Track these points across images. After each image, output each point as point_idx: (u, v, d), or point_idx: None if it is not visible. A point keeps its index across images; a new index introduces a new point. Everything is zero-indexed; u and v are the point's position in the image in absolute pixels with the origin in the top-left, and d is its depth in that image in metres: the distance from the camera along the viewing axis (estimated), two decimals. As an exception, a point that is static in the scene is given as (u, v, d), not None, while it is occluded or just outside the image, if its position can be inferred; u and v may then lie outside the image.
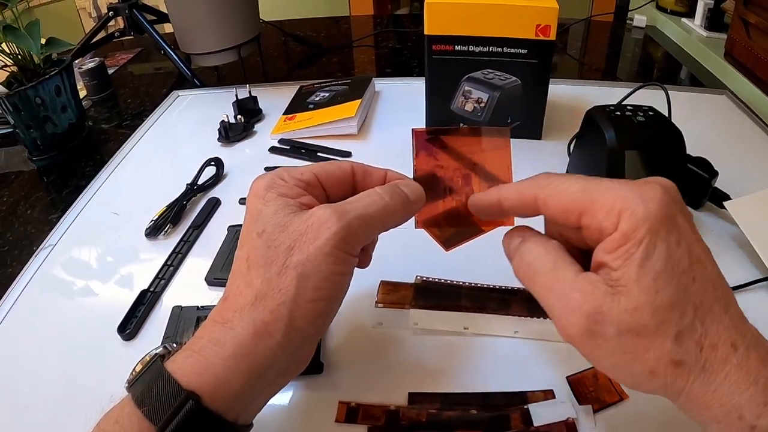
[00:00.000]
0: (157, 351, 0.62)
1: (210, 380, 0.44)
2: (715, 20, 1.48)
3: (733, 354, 0.39)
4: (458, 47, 0.95)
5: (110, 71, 1.53)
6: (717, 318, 0.40)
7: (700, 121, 1.08)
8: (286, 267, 0.46)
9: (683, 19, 1.59)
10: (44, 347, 0.70)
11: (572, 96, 1.17)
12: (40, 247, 0.87)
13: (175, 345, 0.66)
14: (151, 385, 0.44)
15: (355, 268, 0.51)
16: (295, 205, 0.49)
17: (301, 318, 0.46)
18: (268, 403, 0.58)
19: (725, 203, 0.78)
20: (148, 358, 0.63)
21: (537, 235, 0.50)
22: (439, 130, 0.62)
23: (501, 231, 0.80)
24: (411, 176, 0.59)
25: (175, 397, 0.43)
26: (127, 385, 0.46)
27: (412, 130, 0.61)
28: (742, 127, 1.08)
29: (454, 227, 0.81)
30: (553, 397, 0.60)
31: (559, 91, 1.15)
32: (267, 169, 1.00)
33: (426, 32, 0.94)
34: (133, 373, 0.62)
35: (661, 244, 0.39)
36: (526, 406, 0.59)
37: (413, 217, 0.59)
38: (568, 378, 0.62)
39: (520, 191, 0.49)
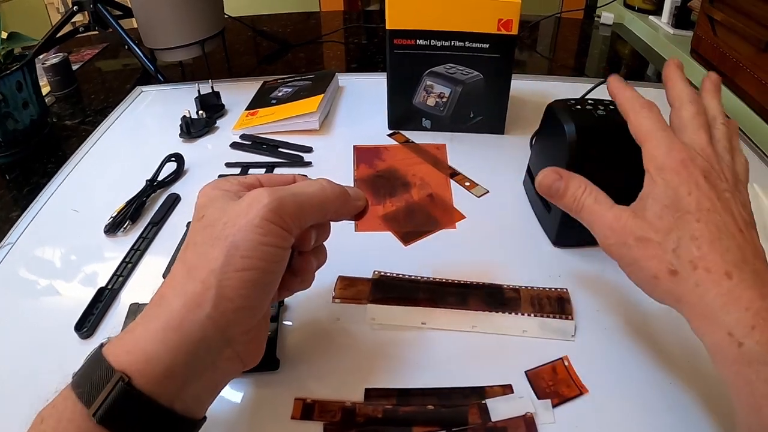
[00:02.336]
0: (103, 341, 0.62)
1: (140, 356, 0.44)
2: (681, 18, 1.50)
3: (726, 280, 0.47)
4: (420, 41, 0.94)
5: (75, 67, 1.51)
6: (717, 250, 0.48)
7: (667, 117, 1.08)
8: (218, 238, 0.48)
9: (650, 17, 1.60)
10: (4, 346, 0.69)
11: (538, 92, 1.17)
12: (-1, 246, 0.85)
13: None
14: (86, 369, 0.45)
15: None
16: (235, 196, 0.52)
17: (230, 287, 0.47)
18: (222, 400, 0.57)
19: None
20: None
21: (574, 176, 0.60)
22: (378, 146, 0.65)
23: (459, 226, 0.81)
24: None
25: (107, 378, 0.43)
26: (72, 375, 0.46)
27: (354, 146, 0.62)
28: (706, 122, 1.08)
29: (413, 222, 0.81)
30: (512, 391, 0.60)
31: (526, 86, 1.15)
32: (227, 165, 0.99)
33: (387, 26, 0.94)
34: None
35: (663, 187, 0.52)
36: (483, 401, 0.59)
37: (354, 223, 0.60)
38: (526, 372, 0.61)
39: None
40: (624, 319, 0.67)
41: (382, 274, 0.73)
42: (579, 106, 0.75)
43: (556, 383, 0.60)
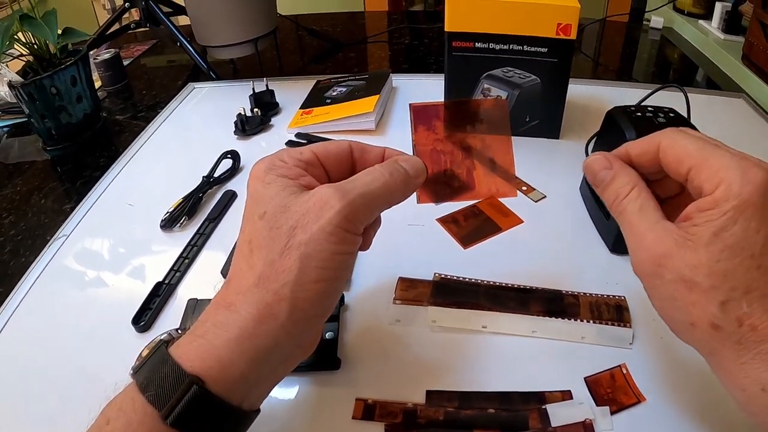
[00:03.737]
0: (162, 337, 0.62)
1: (213, 364, 0.44)
2: (732, 23, 1.47)
3: None
4: (478, 44, 0.94)
5: (125, 63, 1.53)
6: (765, 307, 0.42)
7: (718, 124, 1.07)
8: (289, 248, 0.46)
9: (700, 21, 1.58)
10: (57, 338, 0.70)
11: (588, 96, 1.16)
12: (54, 238, 0.87)
13: (179, 331, 0.67)
14: (155, 371, 0.44)
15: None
16: (295, 186, 0.49)
17: (304, 299, 0.46)
18: (284, 399, 0.57)
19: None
20: (152, 344, 0.63)
21: (625, 170, 0.51)
22: (437, 103, 0.62)
23: (517, 230, 0.81)
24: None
25: (179, 382, 0.43)
26: (132, 371, 0.46)
27: (410, 105, 0.60)
28: (760, 130, 1.07)
29: (473, 225, 0.80)
30: (571, 397, 0.60)
31: (575, 90, 1.14)
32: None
33: (446, 29, 0.94)
34: (139, 359, 0.63)
35: (741, 224, 0.42)
36: (543, 407, 0.58)
37: (415, 194, 0.58)
38: (585, 379, 0.61)
39: (645, 140, 0.51)
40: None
41: (443, 276, 0.73)
42: (639, 114, 0.74)
43: (614, 390, 0.60)
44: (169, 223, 0.86)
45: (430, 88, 1.18)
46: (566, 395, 0.60)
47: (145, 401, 0.43)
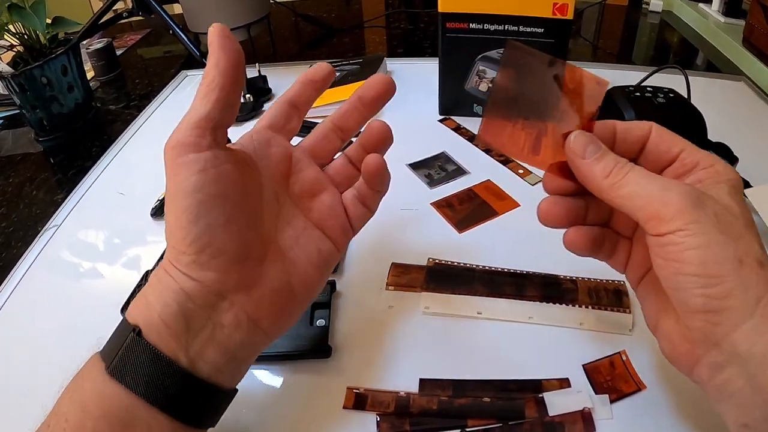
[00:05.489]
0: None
1: (143, 309, 0.45)
2: (732, 6, 1.46)
3: None
4: (473, 25, 0.92)
5: (118, 52, 1.52)
6: None
7: (718, 107, 1.06)
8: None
9: (700, 5, 1.56)
10: (48, 327, 0.70)
11: (587, 79, 1.15)
12: (45, 228, 0.86)
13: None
14: (113, 332, 0.46)
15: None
16: None
17: (175, 226, 0.46)
18: (273, 387, 0.56)
19: (746, 191, 0.76)
20: None
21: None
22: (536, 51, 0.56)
23: (513, 214, 0.79)
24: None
25: (123, 334, 0.44)
26: None
27: (508, 41, 0.54)
28: (761, 113, 1.05)
29: (468, 209, 0.79)
30: (569, 385, 0.58)
31: (575, 73, 1.13)
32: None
33: (440, 9, 0.92)
34: None
35: (740, 194, 0.43)
36: (540, 395, 0.57)
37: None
38: (584, 366, 0.60)
39: (632, 122, 0.51)
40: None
41: (437, 261, 0.72)
42: (638, 93, 0.73)
43: (613, 378, 0.58)
44: (160, 210, 0.84)
45: (424, 72, 1.16)
46: (564, 383, 0.58)
47: (98, 356, 0.45)
